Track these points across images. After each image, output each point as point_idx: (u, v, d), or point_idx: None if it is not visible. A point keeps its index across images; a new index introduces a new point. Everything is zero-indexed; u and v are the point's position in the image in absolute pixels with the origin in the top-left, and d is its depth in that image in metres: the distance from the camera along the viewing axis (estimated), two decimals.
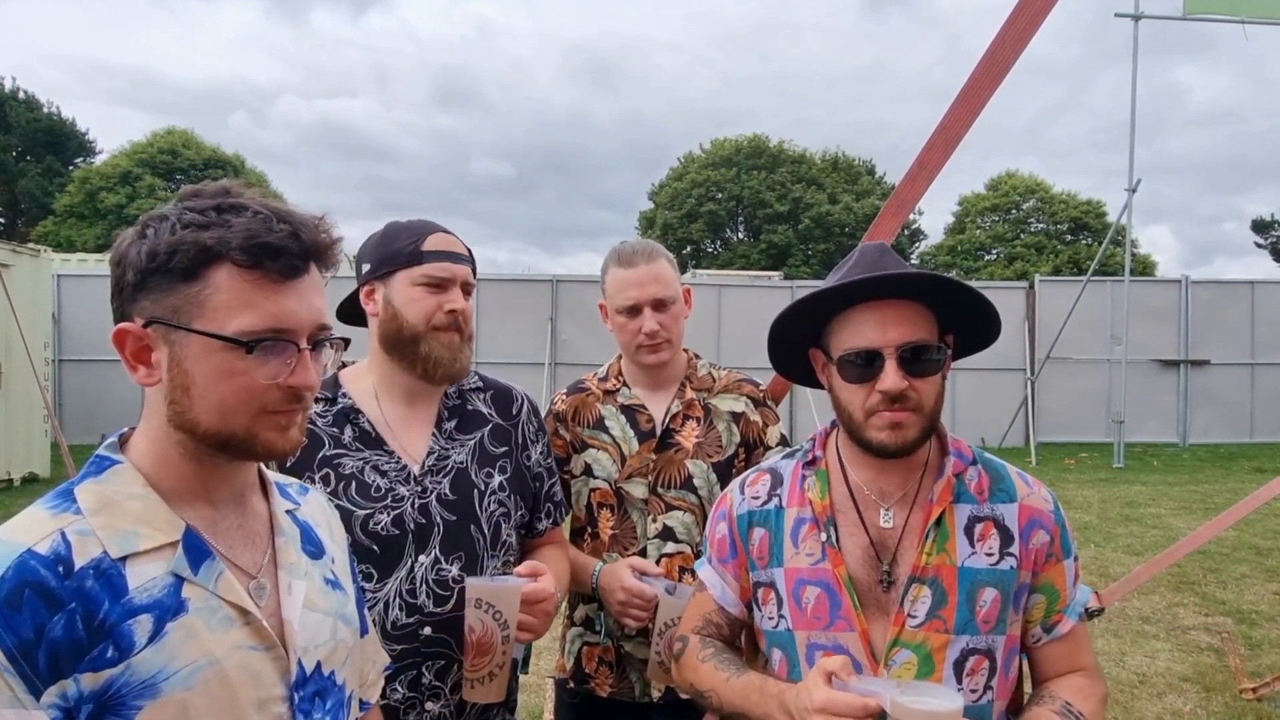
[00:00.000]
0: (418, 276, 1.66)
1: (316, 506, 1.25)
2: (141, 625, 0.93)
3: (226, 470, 1.06)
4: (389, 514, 1.62)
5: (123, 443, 1.05)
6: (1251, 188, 64.42)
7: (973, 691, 1.37)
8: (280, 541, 1.10)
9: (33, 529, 0.93)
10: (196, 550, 0.99)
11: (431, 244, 1.68)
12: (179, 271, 0.96)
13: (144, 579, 0.95)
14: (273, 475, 1.18)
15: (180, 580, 0.97)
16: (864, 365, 1.35)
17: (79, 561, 0.92)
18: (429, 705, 1.63)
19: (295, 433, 1.04)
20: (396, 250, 1.68)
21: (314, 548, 1.17)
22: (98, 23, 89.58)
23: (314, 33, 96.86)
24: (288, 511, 1.16)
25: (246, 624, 1.01)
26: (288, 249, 0.99)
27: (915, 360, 1.34)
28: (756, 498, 1.55)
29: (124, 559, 0.94)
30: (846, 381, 1.39)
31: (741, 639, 1.65)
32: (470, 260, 1.75)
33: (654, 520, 2.04)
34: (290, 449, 1.05)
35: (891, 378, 1.33)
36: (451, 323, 1.68)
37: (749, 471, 1.64)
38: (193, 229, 0.97)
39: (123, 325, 0.98)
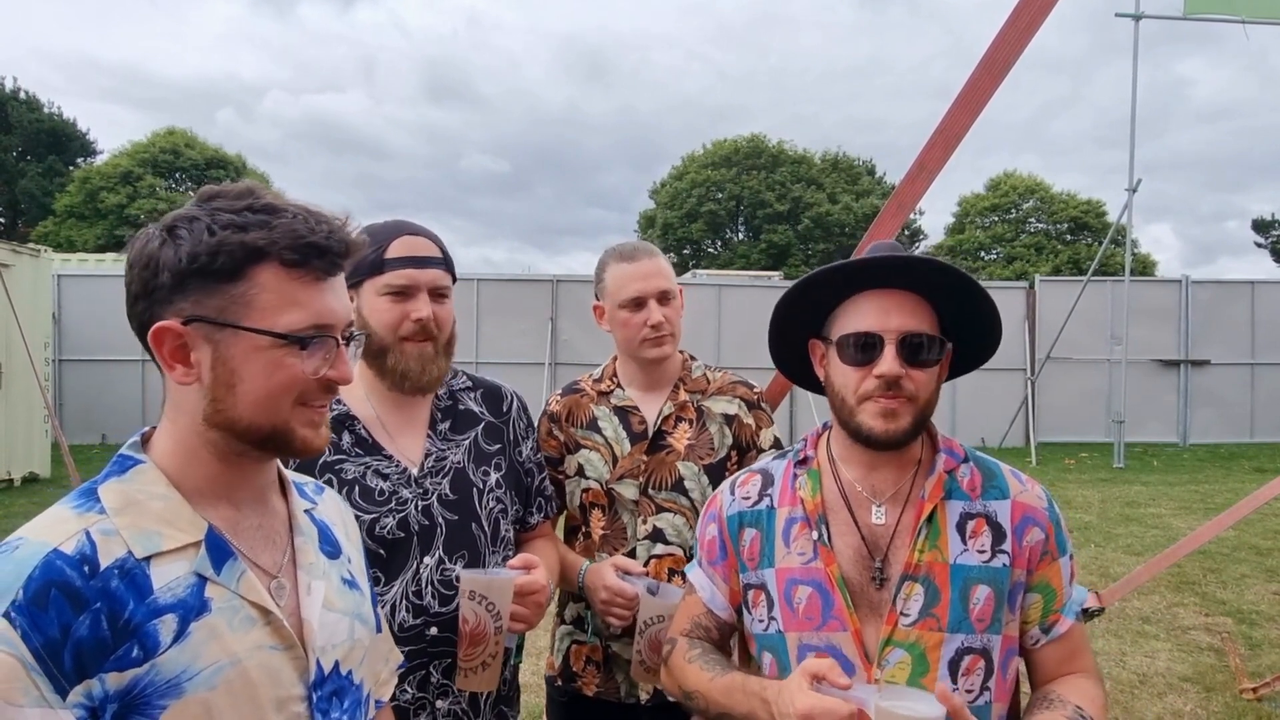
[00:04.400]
0: (381, 286, 1.65)
1: (332, 506, 1.26)
2: (166, 625, 0.94)
3: (252, 469, 1.07)
4: (394, 517, 1.64)
5: (145, 441, 1.05)
6: (1254, 185, 64.23)
7: (968, 692, 1.35)
8: (299, 541, 1.12)
9: (58, 528, 0.94)
10: (219, 550, 1.00)
11: (395, 250, 1.65)
12: (224, 272, 0.98)
13: (168, 579, 0.96)
14: (290, 474, 1.19)
15: (203, 580, 0.98)
16: (863, 348, 1.37)
17: (104, 561, 0.93)
18: (439, 703, 1.65)
19: (325, 430, 1.08)
20: (362, 259, 1.63)
21: (331, 547, 1.18)
22: (83, 17, 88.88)
23: (301, 26, 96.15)
24: (305, 511, 1.17)
25: (267, 624, 1.02)
26: (331, 248, 1.02)
27: (914, 350, 1.36)
28: (747, 498, 1.53)
29: (148, 559, 0.95)
30: (844, 364, 1.39)
31: (734, 647, 1.62)
32: (443, 261, 1.72)
33: (644, 521, 2.04)
34: (323, 445, 1.08)
35: (889, 362, 1.34)
36: (420, 331, 1.65)
37: (740, 472, 1.62)
38: (233, 229, 0.98)
39: (163, 324, 0.98)
